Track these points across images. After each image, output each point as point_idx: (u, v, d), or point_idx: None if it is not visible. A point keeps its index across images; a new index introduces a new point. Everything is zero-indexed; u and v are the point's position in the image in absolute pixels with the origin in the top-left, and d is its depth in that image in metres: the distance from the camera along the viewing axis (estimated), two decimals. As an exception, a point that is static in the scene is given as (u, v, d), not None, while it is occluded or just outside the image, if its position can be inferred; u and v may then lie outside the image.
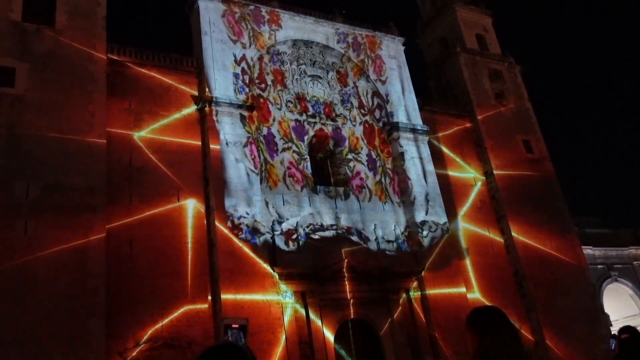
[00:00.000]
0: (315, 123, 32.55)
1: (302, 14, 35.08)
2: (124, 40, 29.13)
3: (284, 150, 30.61)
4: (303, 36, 34.59)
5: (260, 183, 28.57)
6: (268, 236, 27.07)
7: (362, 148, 33.60)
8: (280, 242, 27.41)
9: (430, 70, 45.62)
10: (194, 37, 31.53)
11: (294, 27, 34.48)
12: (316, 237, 28.73)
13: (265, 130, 30.42)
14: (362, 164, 33.14)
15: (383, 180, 33.23)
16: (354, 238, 29.79)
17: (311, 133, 32.26)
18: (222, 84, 29.55)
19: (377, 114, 35.27)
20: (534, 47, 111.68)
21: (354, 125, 34.04)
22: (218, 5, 31.77)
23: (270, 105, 31.38)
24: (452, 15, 44.70)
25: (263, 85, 31.73)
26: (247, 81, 30.62)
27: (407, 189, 33.01)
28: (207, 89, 28.98)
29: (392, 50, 37.87)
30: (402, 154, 33.97)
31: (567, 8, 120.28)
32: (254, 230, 26.63)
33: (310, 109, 32.74)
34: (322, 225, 29.29)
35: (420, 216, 32.13)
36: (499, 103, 41.08)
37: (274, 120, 31.07)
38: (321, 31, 35.48)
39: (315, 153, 32.75)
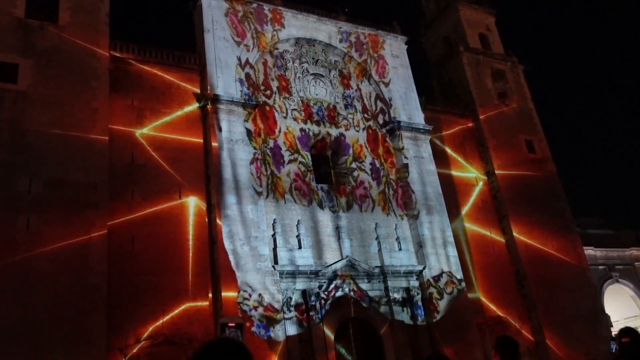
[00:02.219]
0: (320, 131, 32.38)
1: (304, 12, 35.00)
2: (127, 37, 29.14)
3: (290, 162, 30.39)
4: (306, 34, 34.51)
5: (266, 197, 28.44)
6: (282, 327, 25.36)
7: (366, 156, 33.18)
8: (291, 328, 25.78)
9: (433, 69, 45.59)
10: (197, 34, 31.52)
11: (297, 25, 34.43)
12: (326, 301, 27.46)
13: (271, 143, 30.17)
14: (366, 172, 32.75)
15: (387, 190, 32.86)
16: (364, 304, 28.52)
17: (314, 140, 32.13)
18: (225, 81, 29.53)
19: (380, 118, 34.96)
20: (537, 46, 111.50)
21: (358, 131, 33.75)
22: (221, 3, 31.75)
23: (276, 114, 31.12)
24: (455, 15, 44.65)
25: (268, 92, 31.47)
26: (251, 88, 30.40)
27: (411, 202, 32.60)
28: (209, 87, 28.99)
29: (395, 50, 37.78)
30: (406, 165, 33.51)
31: (570, 8, 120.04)
32: (269, 322, 25.10)
33: (315, 114, 32.47)
34: (335, 286, 27.93)
35: (425, 229, 31.66)
36: (502, 103, 41.03)
37: (279, 131, 30.79)
38: (324, 29, 35.41)
39: (317, 152, 32.68)
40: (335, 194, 31.18)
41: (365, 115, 34.60)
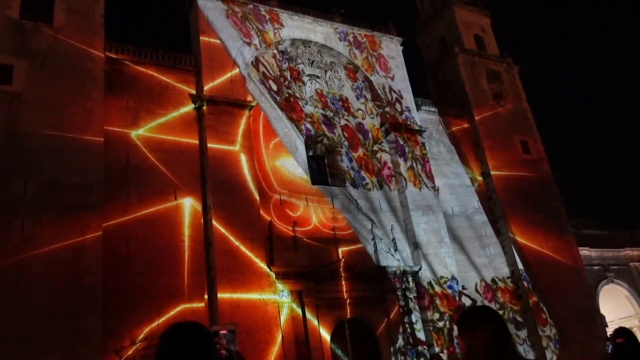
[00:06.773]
0: (339, 120, 33.72)
1: (300, 13, 35.08)
2: (122, 38, 29.12)
3: (318, 142, 32.43)
4: (301, 35, 34.59)
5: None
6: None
7: (383, 137, 34.66)
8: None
9: (428, 70, 45.62)
10: (192, 35, 31.53)
11: (293, 26, 34.49)
12: None
13: (304, 128, 32.09)
14: (387, 152, 34.21)
15: (414, 165, 33.92)
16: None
17: (339, 128, 33.53)
18: (220, 82, 29.51)
19: (397, 107, 35.69)
20: (532, 47, 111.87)
21: (372, 118, 35.04)
22: (217, 4, 31.75)
23: (299, 102, 32.65)
24: (450, 16, 44.73)
25: (287, 83, 32.78)
26: (274, 87, 31.82)
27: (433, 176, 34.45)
28: (204, 88, 28.96)
29: (391, 51, 37.94)
30: (423, 143, 35.06)
31: (566, 9, 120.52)
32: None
33: (330, 104, 33.80)
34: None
35: (420, 230, 31.92)
36: (497, 104, 41.11)
37: (306, 116, 32.50)
38: (320, 30, 35.49)
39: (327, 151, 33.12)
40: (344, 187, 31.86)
41: (377, 103, 35.49)
